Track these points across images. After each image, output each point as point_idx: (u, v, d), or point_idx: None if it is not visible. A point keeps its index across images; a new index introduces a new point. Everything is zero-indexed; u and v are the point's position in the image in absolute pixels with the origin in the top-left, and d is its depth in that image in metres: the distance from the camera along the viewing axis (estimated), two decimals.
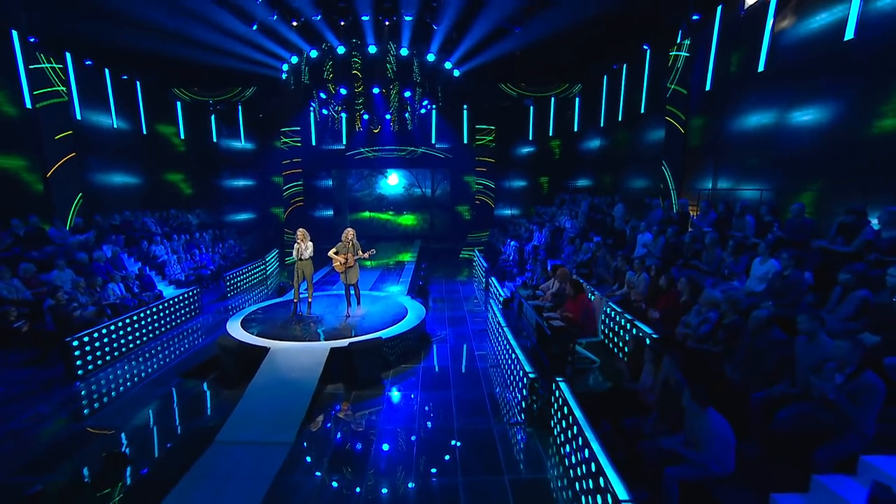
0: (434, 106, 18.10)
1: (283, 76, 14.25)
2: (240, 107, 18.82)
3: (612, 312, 6.81)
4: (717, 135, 10.01)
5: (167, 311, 9.06)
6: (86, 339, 6.74)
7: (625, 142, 14.51)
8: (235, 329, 7.64)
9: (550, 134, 19.47)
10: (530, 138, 20.25)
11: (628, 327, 6.27)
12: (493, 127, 20.66)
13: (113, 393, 6.32)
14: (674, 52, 11.29)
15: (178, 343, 8.46)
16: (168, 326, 9.03)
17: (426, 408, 5.89)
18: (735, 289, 5.63)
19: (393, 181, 21.77)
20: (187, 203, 16.74)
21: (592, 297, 7.04)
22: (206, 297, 11.33)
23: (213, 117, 18.29)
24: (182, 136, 17.01)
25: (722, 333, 4.87)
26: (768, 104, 8.44)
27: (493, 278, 11.09)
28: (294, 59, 13.21)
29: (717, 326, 4.97)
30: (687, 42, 10.88)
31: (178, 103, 16.93)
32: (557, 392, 5.05)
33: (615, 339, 6.77)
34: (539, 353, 6.50)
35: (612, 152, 15.41)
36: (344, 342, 6.75)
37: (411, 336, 7.69)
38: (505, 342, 6.66)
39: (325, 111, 16.81)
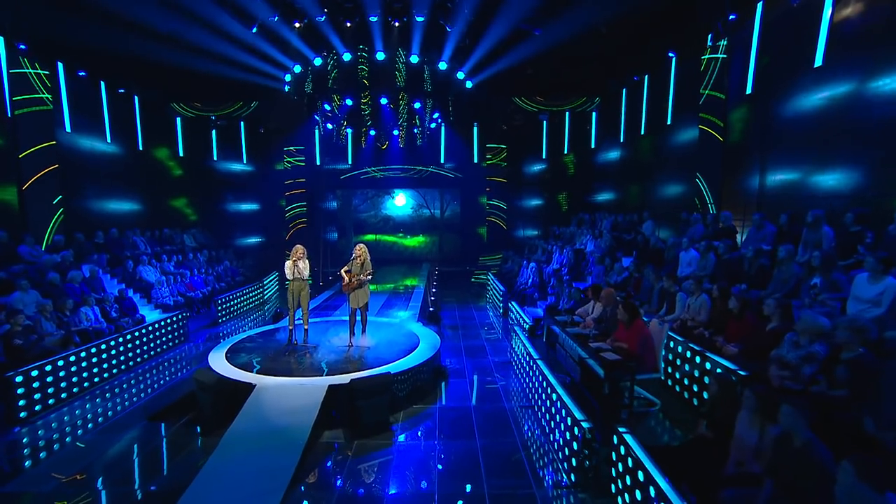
0: (444, 122, 17.29)
1: (286, 88, 13.45)
2: (241, 124, 18.10)
3: (672, 342, 5.62)
4: (765, 125, 8.81)
5: (146, 339, 7.96)
6: (34, 373, 5.59)
7: (650, 155, 13.51)
8: (219, 360, 6.49)
9: (565, 151, 18.60)
10: (543, 156, 19.39)
11: (697, 360, 5.07)
12: (503, 146, 19.89)
13: (64, 440, 5.12)
14: (707, 56, 10.42)
15: (154, 376, 7.30)
16: (145, 357, 7.90)
17: (447, 462, 4.69)
18: (848, 314, 4.45)
19: (400, 202, 20.87)
20: (188, 228, 15.76)
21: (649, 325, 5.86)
22: (195, 322, 10.27)
23: (213, 134, 17.51)
24: (181, 155, 16.19)
25: (844, 372, 3.68)
26: (831, 82, 7.24)
27: (513, 303, 9.94)
28: (297, 69, 12.42)
29: (834, 363, 3.78)
30: (723, 43, 10.01)
31: (178, 119, 16.20)
32: (623, 447, 3.86)
33: (677, 375, 5.55)
34: (584, 392, 5.30)
35: (635, 166, 14.37)
36: (345, 378, 5.58)
37: (425, 370, 6.50)
38: (540, 378, 5.47)
39: (329, 125, 15.97)
